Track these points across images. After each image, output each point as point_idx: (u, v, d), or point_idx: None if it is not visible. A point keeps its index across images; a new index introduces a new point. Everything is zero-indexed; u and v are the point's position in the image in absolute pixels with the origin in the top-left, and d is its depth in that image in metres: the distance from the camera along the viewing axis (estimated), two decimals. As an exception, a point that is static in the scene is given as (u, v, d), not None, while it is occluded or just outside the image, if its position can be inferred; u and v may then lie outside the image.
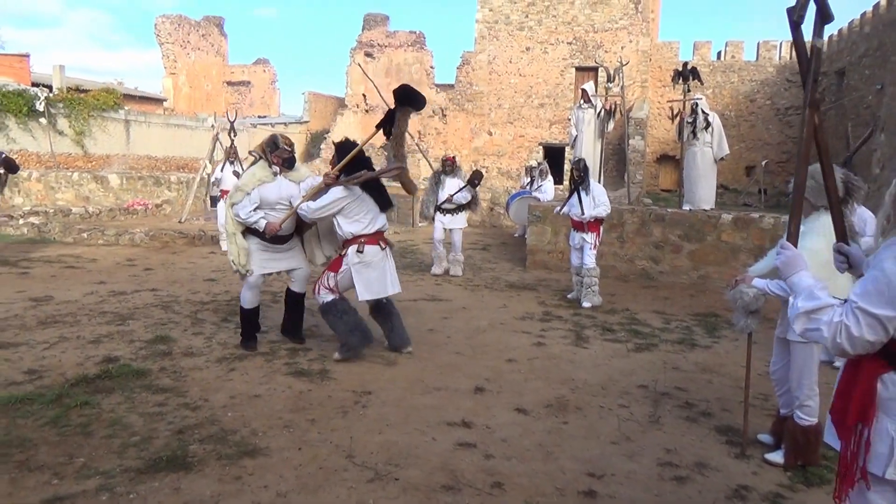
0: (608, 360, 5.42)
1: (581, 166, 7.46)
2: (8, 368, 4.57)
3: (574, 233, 7.67)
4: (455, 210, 9.29)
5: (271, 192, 5.18)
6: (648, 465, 3.49)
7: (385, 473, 3.28)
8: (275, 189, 5.21)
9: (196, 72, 34.34)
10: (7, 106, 18.98)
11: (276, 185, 5.22)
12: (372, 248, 5.04)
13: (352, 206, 4.98)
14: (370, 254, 5.03)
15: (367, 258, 5.01)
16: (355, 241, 5.01)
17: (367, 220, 5.05)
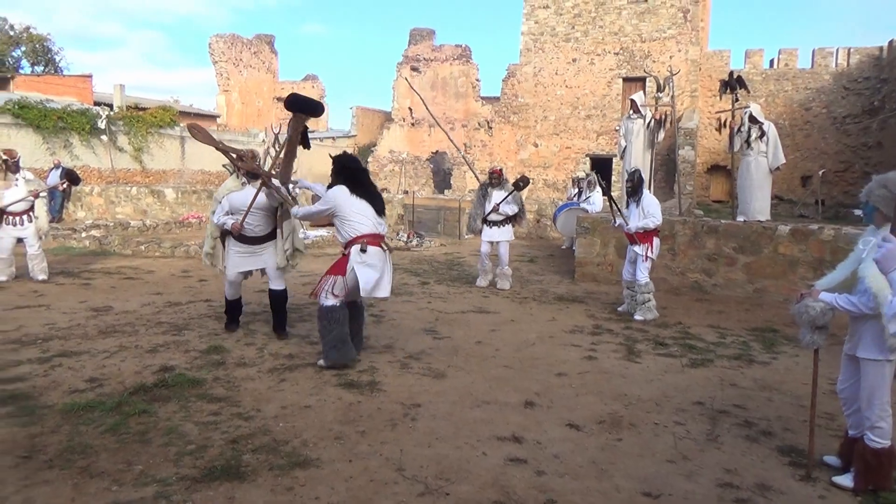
0: (662, 376, 5.28)
1: (636, 178, 7.34)
2: (71, 376, 4.72)
3: (629, 246, 7.54)
4: (501, 222, 9.24)
5: (238, 199, 5.97)
6: (707, 486, 3.37)
7: (436, 488, 3.25)
8: (241, 196, 5.97)
9: (248, 88, 35.29)
10: (71, 124, 19.85)
11: (243, 193, 5.99)
12: (374, 248, 5.15)
13: (344, 209, 5.17)
14: (372, 254, 5.11)
15: (368, 258, 5.09)
16: (357, 240, 5.12)
17: (366, 223, 5.19)
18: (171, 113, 23.99)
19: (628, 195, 7.44)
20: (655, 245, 7.37)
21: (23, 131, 18.80)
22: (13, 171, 8.26)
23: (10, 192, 8.18)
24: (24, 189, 8.28)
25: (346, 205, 5.17)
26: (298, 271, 10.08)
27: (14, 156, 8.36)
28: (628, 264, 7.56)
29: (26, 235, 8.36)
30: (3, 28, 38.85)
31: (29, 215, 8.38)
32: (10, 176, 8.23)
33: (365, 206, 5.24)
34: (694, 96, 25.88)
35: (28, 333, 5.87)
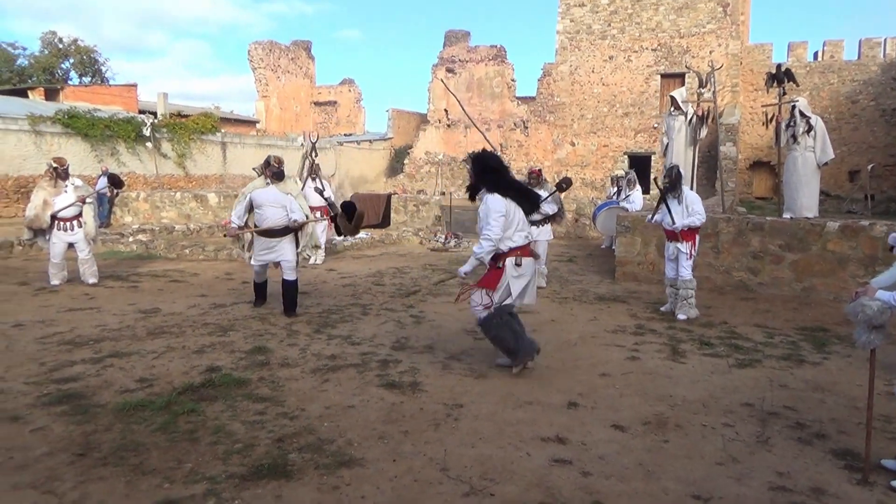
0: (708, 376, 5.17)
1: (673, 174, 7.21)
2: (122, 376, 4.85)
3: (668, 243, 7.41)
4: (541, 222, 9.19)
5: (261, 196, 7.03)
6: (759, 489, 3.28)
7: (480, 488, 3.24)
8: (264, 194, 7.04)
9: (286, 94, 35.83)
10: (118, 132, 20.44)
11: (266, 191, 7.05)
12: (527, 260, 5.06)
13: (510, 221, 4.94)
14: (526, 266, 5.03)
15: (523, 270, 5.00)
16: (512, 254, 4.97)
17: (521, 234, 5.03)
18: (213, 119, 24.51)
19: (666, 191, 7.30)
20: (696, 242, 7.26)
21: (72, 140, 19.42)
22: (63, 178, 8.55)
23: (60, 199, 8.47)
24: (74, 195, 8.56)
25: (511, 217, 4.94)
26: (339, 273, 10.19)
27: (64, 164, 8.68)
28: (669, 262, 7.43)
29: (77, 240, 8.63)
30: (53, 41, 40.22)
31: (79, 221, 8.64)
32: (59, 183, 8.53)
33: (520, 214, 5.05)
34: (735, 91, 25.35)
35: (81, 335, 6.06)
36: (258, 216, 7.09)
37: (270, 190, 7.02)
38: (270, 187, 7.03)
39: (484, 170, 5.05)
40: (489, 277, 5.07)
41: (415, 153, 31.23)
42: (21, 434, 3.79)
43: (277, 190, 7.06)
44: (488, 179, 5.03)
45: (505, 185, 5.03)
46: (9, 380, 4.73)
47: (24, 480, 3.23)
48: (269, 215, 6.98)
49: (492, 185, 4.99)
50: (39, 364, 5.13)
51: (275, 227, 6.99)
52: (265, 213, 6.99)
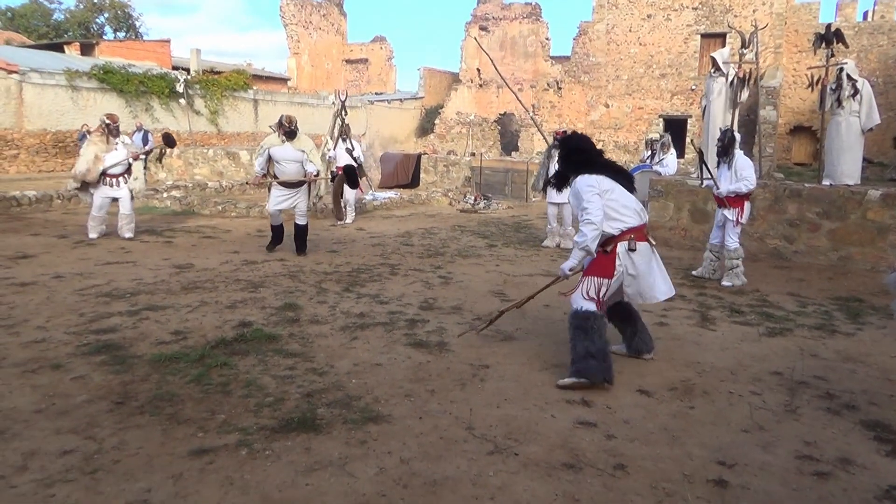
0: (737, 344, 5.12)
1: (726, 137, 7.04)
2: (158, 329, 4.99)
3: (717, 209, 7.28)
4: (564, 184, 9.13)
5: (278, 153, 7.92)
6: (785, 458, 3.27)
7: (505, 447, 3.28)
8: (281, 150, 7.91)
9: (317, 51, 35.60)
10: (151, 88, 20.60)
11: (282, 148, 7.91)
12: (643, 245, 4.27)
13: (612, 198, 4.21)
14: (642, 252, 4.26)
15: (638, 257, 4.24)
16: (624, 237, 4.21)
17: (629, 212, 4.24)
18: (245, 76, 24.55)
19: (718, 156, 7.14)
20: (746, 209, 7.08)
21: (107, 95, 19.64)
22: (114, 135, 8.82)
23: (111, 156, 8.73)
24: (124, 152, 8.83)
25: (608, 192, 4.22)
26: (369, 233, 10.26)
27: (116, 120, 8.97)
28: (716, 228, 7.31)
29: (122, 195, 8.91)
30: (87, -5, 40.33)
31: (125, 177, 8.90)
32: (111, 139, 8.77)
33: (623, 191, 4.30)
34: (778, 52, 24.47)
35: (118, 288, 6.22)
36: (277, 169, 8.01)
37: (286, 147, 7.88)
38: (286, 145, 7.87)
39: (571, 152, 4.46)
40: (599, 263, 4.26)
41: (446, 113, 30.93)
42: (62, 381, 3.94)
43: (292, 147, 7.89)
44: (576, 161, 4.40)
45: (596, 164, 4.37)
46: (50, 329, 4.90)
47: (65, 426, 3.37)
48: (286, 170, 7.97)
49: (580, 167, 4.34)
50: (79, 315, 5.29)
51: (291, 181, 7.99)
52: (283, 167, 7.95)
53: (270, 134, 8.24)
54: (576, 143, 4.55)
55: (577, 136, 4.69)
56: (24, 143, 17.92)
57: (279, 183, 8.01)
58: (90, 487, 2.81)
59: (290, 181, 7.99)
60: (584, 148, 4.49)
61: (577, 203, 4.24)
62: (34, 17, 38.31)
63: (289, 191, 8.03)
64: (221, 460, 3.06)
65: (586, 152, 4.45)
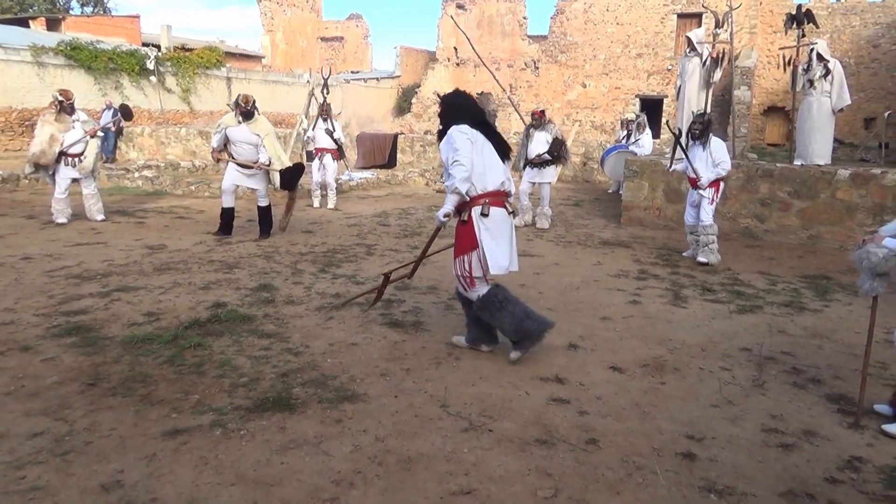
0: (708, 322, 5.22)
1: (704, 119, 7.09)
2: (130, 310, 4.93)
3: (692, 189, 7.34)
4: (545, 163, 9.18)
5: (233, 133, 7.66)
6: (752, 431, 3.36)
7: (479, 424, 3.32)
8: (236, 132, 7.64)
9: (292, 28, 35.01)
10: (121, 65, 20.12)
11: (238, 129, 7.63)
12: (498, 210, 4.03)
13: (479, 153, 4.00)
14: (496, 219, 4.01)
15: (492, 224, 4.00)
16: (477, 201, 3.98)
17: (493, 174, 4.03)
18: (218, 54, 24.06)
19: (694, 138, 7.19)
20: (721, 189, 7.21)
21: (75, 72, 19.15)
22: (69, 113, 8.31)
23: (69, 135, 8.23)
24: (82, 130, 8.38)
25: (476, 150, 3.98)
26: (345, 213, 10.20)
27: (70, 97, 8.41)
28: (690, 208, 7.38)
29: (83, 176, 8.51)
30: (53, -32, 39.11)
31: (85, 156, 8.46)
32: (65, 117, 8.27)
33: (493, 152, 4.08)
34: (753, 33, 24.62)
35: (88, 269, 6.12)
36: (232, 149, 7.78)
37: (242, 128, 7.61)
38: (242, 125, 7.60)
39: (450, 108, 4.19)
40: (461, 240, 4.09)
41: (423, 92, 30.68)
42: (32, 363, 3.89)
43: (248, 129, 7.61)
44: (455, 114, 4.13)
45: (475, 120, 4.12)
46: (19, 311, 4.82)
47: (35, 407, 3.33)
48: (241, 152, 7.72)
49: (458, 120, 4.08)
50: (48, 297, 5.21)
51: (247, 163, 7.77)
52: (238, 149, 7.72)
53: (229, 112, 8.02)
54: (455, 98, 4.27)
55: (458, 93, 4.35)
56: (-12, 121, 17.44)
57: (237, 163, 7.79)
58: (61, 469, 2.79)
59: (246, 164, 7.78)
60: (465, 104, 4.21)
61: (448, 148, 3.97)
62: (-3, -9, 37.07)
63: (245, 170, 7.81)
64: (195, 440, 3.06)
65: (466, 108, 4.17)
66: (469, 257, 4.06)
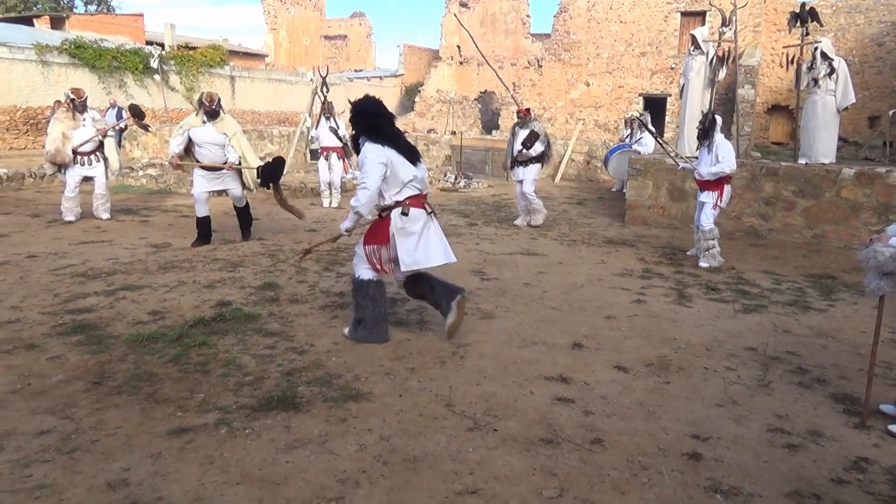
0: (713, 321, 5.21)
1: (707, 120, 7.04)
2: (135, 309, 4.94)
3: (699, 190, 7.29)
4: (526, 162, 9.26)
5: (198, 135, 7.09)
6: (757, 431, 3.35)
7: (484, 423, 3.32)
8: (201, 132, 7.09)
9: (295, 27, 35.02)
10: (125, 64, 20.16)
11: (203, 130, 7.10)
12: (417, 210, 4.32)
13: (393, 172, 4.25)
14: (415, 217, 4.30)
15: (410, 223, 4.29)
16: (399, 204, 4.29)
17: (409, 185, 4.30)
18: (221, 52, 24.09)
19: (698, 138, 7.15)
20: (726, 192, 7.02)
21: (79, 71, 19.19)
22: (80, 111, 8.36)
23: (79, 133, 8.28)
24: (92, 129, 8.41)
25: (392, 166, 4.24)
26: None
27: (81, 95, 8.45)
28: (699, 209, 7.34)
29: (95, 174, 8.52)
30: (57, -33, 39.16)
31: (97, 155, 8.51)
32: (77, 116, 8.32)
33: (406, 164, 4.30)
34: (757, 31, 24.55)
35: (93, 268, 6.14)
36: (197, 152, 7.21)
37: (207, 128, 7.10)
38: (207, 125, 7.11)
39: (360, 115, 4.34)
40: (375, 230, 4.40)
41: (426, 91, 30.68)
42: (38, 362, 3.90)
43: (214, 129, 7.12)
44: (364, 125, 4.32)
45: (383, 133, 4.30)
46: (24, 309, 4.83)
47: (41, 406, 3.34)
48: (207, 154, 7.17)
49: (369, 133, 4.29)
50: (53, 295, 5.22)
51: (214, 165, 7.23)
52: (203, 151, 7.16)
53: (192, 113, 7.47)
54: (364, 106, 4.38)
55: (367, 100, 4.45)
56: (-7, 119, 17.49)
57: (202, 167, 7.20)
58: (68, 467, 2.80)
59: (213, 166, 7.20)
60: (374, 112, 4.35)
61: (361, 167, 4.27)
62: (1, -10, 37.14)
63: (213, 173, 7.25)
64: (201, 439, 3.06)
65: (374, 116, 4.34)
66: (375, 248, 4.36)
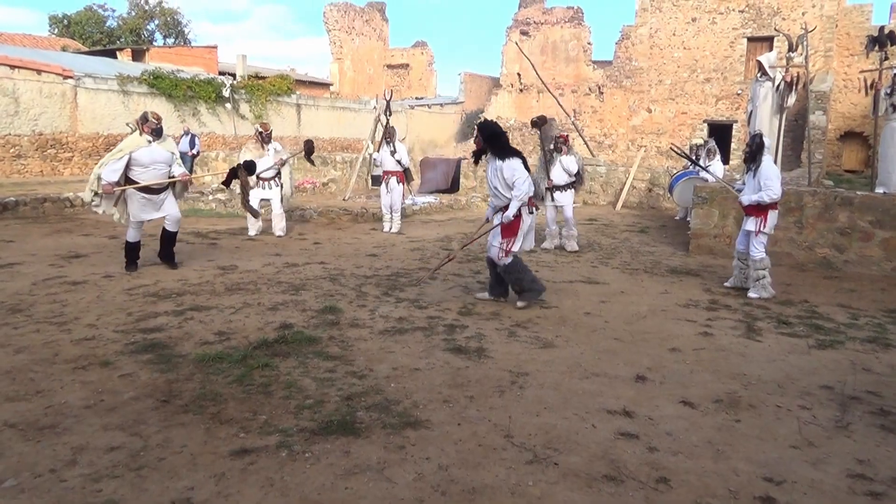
0: (785, 356, 4.98)
1: (755, 143, 6.83)
2: (202, 329, 5.09)
3: (745, 216, 7.09)
4: (564, 187, 9.32)
5: (144, 156, 6.78)
6: (836, 476, 3.16)
7: (544, 457, 3.24)
8: (147, 152, 6.81)
9: (359, 56, 35.98)
10: (199, 93, 21.10)
11: (149, 150, 6.83)
12: (532, 209, 6.08)
13: None
14: (532, 215, 6.07)
15: (530, 218, 6.02)
16: (529, 203, 5.98)
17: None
18: (289, 81, 24.94)
19: (745, 161, 6.95)
20: (770, 218, 6.77)
21: (157, 99, 20.18)
22: (266, 142, 9.63)
23: (263, 161, 9.54)
24: (273, 158, 9.59)
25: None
26: (408, 237, 10.29)
27: (268, 128, 9.76)
28: (743, 234, 7.11)
29: (272, 197, 9.78)
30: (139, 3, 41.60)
31: (276, 180, 9.71)
32: (263, 146, 9.59)
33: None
34: (828, 56, 23.79)
35: (164, 288, 6.37)
36: (136, 174, 6.83)
37: (154, 148, 6.86)
38: (153, 145, 6.86)
39: (492, 136, 5.95)
40: (509, 228, 5.93)
41: (485, 117, 30.89)
42: (111, 379, 4.05)
43: (161, 147, 6.94)
44: (497, 144, 5.93)
45: (512, 149, 5.96)
46: (100, 327, 5.05)
47: (113, 422, 3.46)
48: (153, 174, 6.86)
49: (501, 150, 5.90)
50: (127, 314, 5.44)
51: (158, 186, 6.93)
52: (147, 171, 6.83)
53: (132, 133, 7.20)
54: (495, 128, 6.05)
55: (493, 123, 6.13)
56: (77, 146, 18.53)
57: (140, 189, 6.83)
58: (136, 484, 2.87)
59: (156, 186, 6.92)
60: (501, 133, 6.02)
61: (512, 174, 5.81)
62: (89, 25, 39.64)
63: (154, 196, 6.94)
64: (262, 461, 3.10)
65: (503, 137, 6.01)
66: (510, 240, 5.96)
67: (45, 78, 17.66)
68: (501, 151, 5.91)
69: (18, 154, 17.23)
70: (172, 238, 7.35)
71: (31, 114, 17.43)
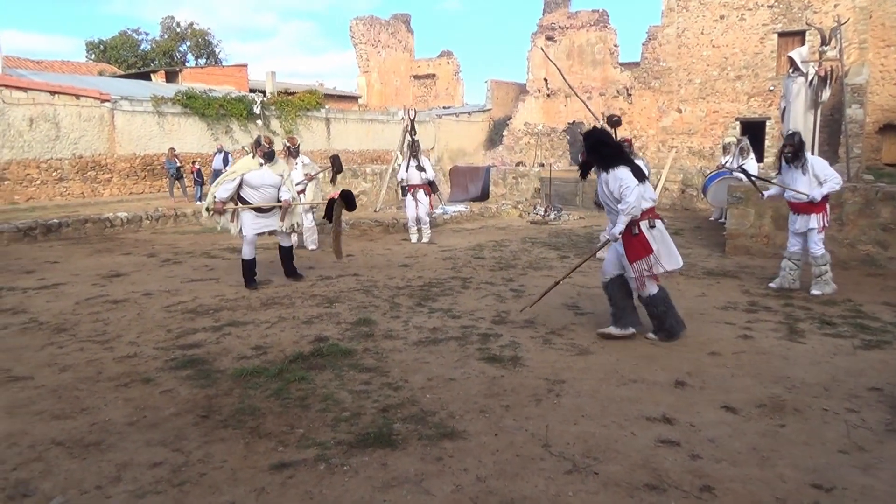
0: (830, 358, 4.84)
1: (796, 141, 6.70)
2: (239, 344, 5.16)
3: (793, 216, 6.92)
4: None
5: (255, 178, 7.11)
6: (888, 482, 3.05)
7: (583, 466, 3.20)
8: (258, 175, 7.12)
9: (386, 68, 36.31)
10: (231, 111, 21.53)
11: (260, 173, 7.13)
12: (659, 222, 5.23)
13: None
14: (659, 227, 5.21)
15: (657, 233, 5.16)
16: (644, 217, 5.10)
17: (646, 197, 5.18)
18: (317, 96, 25.29)
19: (787, 161, 6.80)
20: (826, 213, 6.74)
21: (190, 119, 20.66)
22: (294, 157, 9.62)
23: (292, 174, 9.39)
24: (302, 172, 9.55)
25: None
26: (440, 247, 10.31)
27: (295, 143, 9.82)
28: (793, 236, 6.95)
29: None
30: (171, 25, 42.67)
31: (304, 194, 9.59)
32: (291, 161, 9.50)
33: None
34: (863, 48, 23.18)
35: (202, 304, 6.48)
36: (248, 194, 7.18)
37: (264, 171, 7.16)
38: (264, 168, 7.17)
39: (596, 143, 5.15)
40: (635, 247, 5.05)
41: (514, 124, 30.85)
42: (152, 395, 4.12)
43: (271, 171, 7.22)
44: (601, 153, 5.13)
45: (622, 157, 5.13)
46: (141, 344, 5.15)
47: (155, 438, 3.52)
48: (263, 195, 7.19)
49: (606, 159, 5.09)
50: (166, 331, 5.54)
51: (267, 206, 7.26)
52: (258, 193, 7.17)
53: (247, 156, 7.51)
54: (599, 136, 5.23)
55: (600, 131, 5.34)
56: (116, 167, 19.04)
57: (252, 209, 7.20)
58: (178, 500, 2.91)
59: (265, 207, 7.25)
60: (609, 142, 5.24)
61: (618, 185, 4.99)
62: (123, 49, 40.79)
63: (264, 215, 7.29)
64: (301, 475, 3.12)
65: (611, 146, 5.21)
66: (646, 261, 5.03)
67: (84, 102, 18.22)
68: (606, 161, 5.10)
69: (60, 177, 17.78)
70: (289, 253, 7.68)
71: (72, 137, 17.98)
